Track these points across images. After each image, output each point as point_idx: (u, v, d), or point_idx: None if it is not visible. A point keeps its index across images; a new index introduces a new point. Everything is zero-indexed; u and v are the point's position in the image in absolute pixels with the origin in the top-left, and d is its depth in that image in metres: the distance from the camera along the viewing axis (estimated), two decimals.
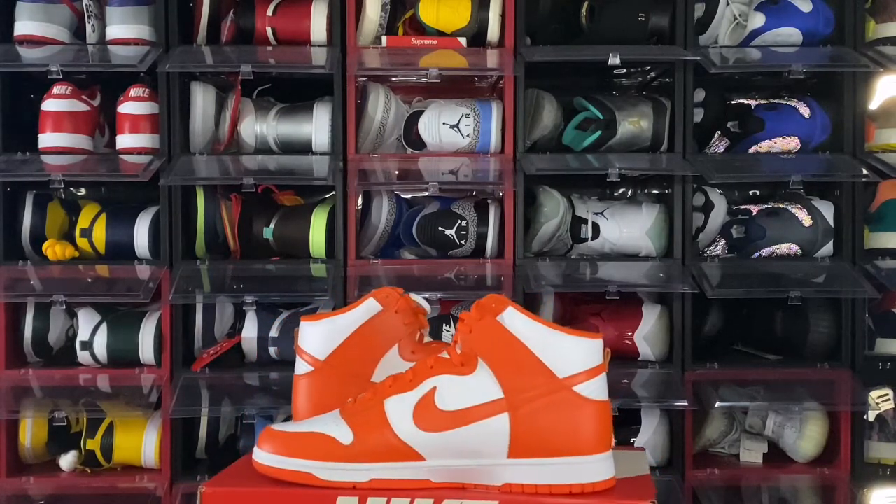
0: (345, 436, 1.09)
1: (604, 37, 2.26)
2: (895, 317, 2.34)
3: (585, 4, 2.28)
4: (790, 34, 2.26)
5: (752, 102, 2.40)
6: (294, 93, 2.34)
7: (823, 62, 2.26)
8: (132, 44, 2.22)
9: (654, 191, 2.52)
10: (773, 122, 2.29)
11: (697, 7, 2.29)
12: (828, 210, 2.28)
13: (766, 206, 2.34)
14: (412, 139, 2.30)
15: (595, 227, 2.30)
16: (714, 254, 2.35)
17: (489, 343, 1.09)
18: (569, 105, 2.34)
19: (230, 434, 2.32)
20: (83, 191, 2.53)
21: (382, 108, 2.27)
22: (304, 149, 2.28)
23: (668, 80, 2.32)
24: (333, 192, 2.25)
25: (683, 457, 2.24)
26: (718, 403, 2.17)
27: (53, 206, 2.33)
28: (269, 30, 2.28)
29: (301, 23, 2.27)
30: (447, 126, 2.25)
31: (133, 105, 2.22)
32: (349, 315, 1.25)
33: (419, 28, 2.30)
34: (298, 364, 1.26)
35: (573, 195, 2.34)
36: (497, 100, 2.31)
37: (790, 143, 2.30)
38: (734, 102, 2.42)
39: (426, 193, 2.25)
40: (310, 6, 2.27)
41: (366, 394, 1.13)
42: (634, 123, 2.27)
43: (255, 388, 2.23)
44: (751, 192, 2.58)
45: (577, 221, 2.30)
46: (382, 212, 2.30)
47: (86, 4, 2.21)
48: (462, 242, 2.26)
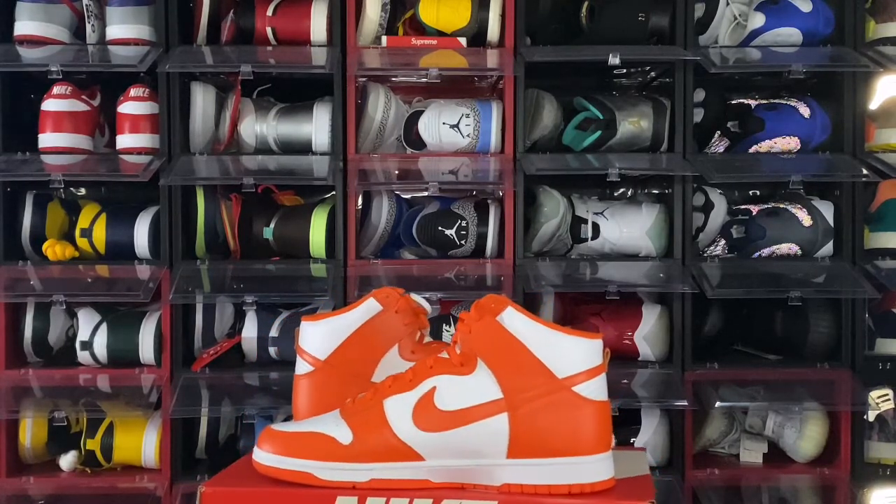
0: (344, 436, 1.09)
1: (604, 37, 2.26)
2: (895, 317, 2.34)
3: (585, 4, 2.28)
4: (790, 34, 2.26)
5: (752, 102, 2.40)
6: (294, 93, 2.34)
7: (823, 62, 2.26)
8: (132, 44, 2.22)
9: (654, 191, 2.52)
10: (773, 122, 2.29)
11: (697, 7, 2.29)
12: (828, 210, 2.28)
13: (766, 206, 2.34)
14: (412, 139, 2.30)
15: (595, 227, 2.30)
16: (714, 254, 2.35)
17: (488, 343, 1.09)
18: (569, 105, 2.34)
19: (230, 434, 2.32)
20: (83, 191, 2.53)
21: (382, 108, 2.27)
22: (304, 149, 2.28)
23: (668, 80, 2.32)
24: (333, 192, 2.25)
25: (683, 457, 2.24)
26: (718, 403, 2.17)
27: (53, 206, 2.33)
28: (269, 30, 2.28)
29: (301, 23, 2.27)
30: (447, 126, 2.25)
31: (133, 105, 2.22)
32: (349, 315, 1.25)
33: (419, 28, 2.30)
34: (299, 364, 1.26)
35: (573, 195, 2.34)
36: (497, 100, 2.31)
37: (790, 143, 2.30)
38: (734, 102, 2.42)
39: (426, 193, 2.25)
40: (310, 6, 2.27)
41: (365, 394, 1.13)
42: (634, 123, 2.27)
43: (255, 388, 2.23)
44: (751, 192, 2.58)
45: (577, 221, 2.30)
46: (382, 212, 2.30)
47: (86, 4, 2.21)
48: (462, 242, 2.26)
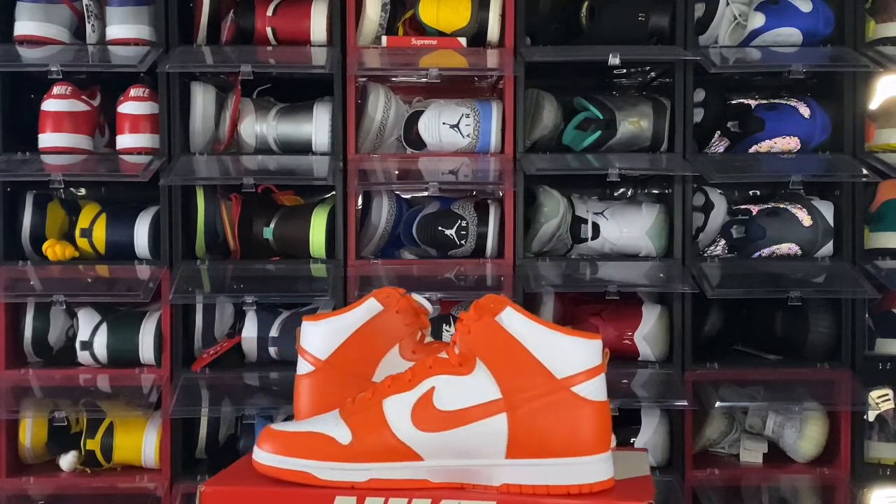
0: (343, 436, 1.09)
1: (604, 37, 2.26)
2: (895, 317, 2.34)
3: (585, 4, 2.28)
4: (790, 34, 2.26)
5: (752, 102, 2.40)
6: (294, 93, 2.34)
7: (823, 62, 2.26)
8: (132, 44, 2.22)
9: (654, 191, 2.52)
10: (773, 122, 2.29)
11: (697, 7, 2.29)
12: (828, 210, 2.28)
13: (766, 206, 2.34)
14: (412, 139, 2.30)
15: (595, 227, 2.30)
16: (714, 254, 2.35)
17: (487, 343, 1.08)
18: (569, 105, 2.34)
19: (230, 434, 2.32)
20: (83, 191, 2.53)
21: (382, 108, 2.27)
22: (304, 149, 2.28)
23: (668, 80, 2.32)
24: (333, 192, 2.25)
25: (683, 457, 2.24)
26: (718, 403, 2.17)
27: (53, 206, 2.33)
28: (269, 30, 2.28)
29: (301, 23, 2.27)
30: (447, 126, 2.25)
31: (133, 105, 2.22)
32: (350, 315, 1.25)
33: (419, 28, 2.30)
34: (300, 364, 1.26)
35: (573, 195, 2.34)
36: (497, 100, 2.31)
37: (790, 143, 2.29)
38: (734, 102, 2.42)
39: (426, 193, 2.25)
40: (310, 6, 2.27)
41: (365, 394, 1.13)
42: (634, 123, 2.27)
43: (255, 388, 2.23)
44: (751, 192, 2.58)
45: (577, 221, 2.30)
46: (382, 212, 2.30)
47: (86, 4, 2.21)
48: (462, 242, 2.26)
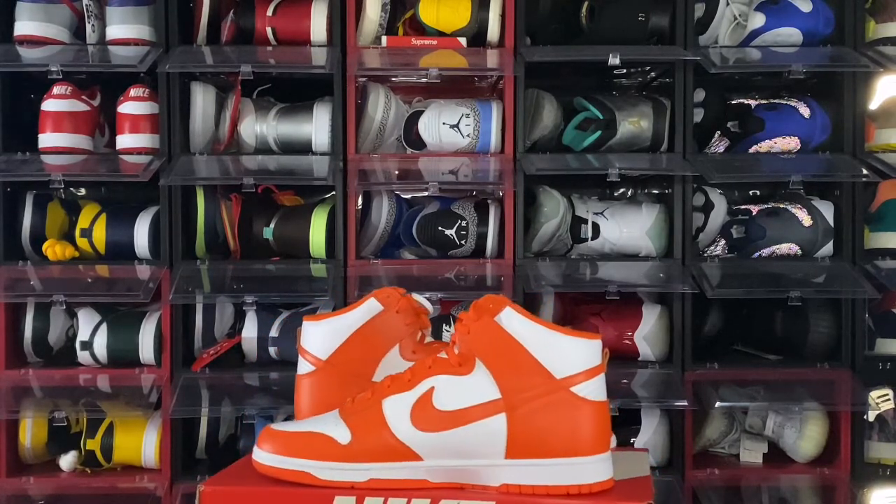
0: (343, 436, 1.09)
1: (604, 37, 2.26)
2: (895, 317, 2.34)
3: (585, 4, 2.28)
4: (790, 34, 2.26)
5: (752, 102, 2.40)
6: (294, 93, 2.34)
7: (823, 62, 2.26)
8: (132, 44, 2.22)
9: (654, 191, 2.52)
10: (773, 122, 2.29)
11: (697, 7, 2.29)
12: (828, 210, 2.28)
13: (766, 206, 2.34)
14: (412, 139, 2.30)
15: (595, 227, 2.30)
16: (714, 254, 2.35)
17: (487, 343, 1.08)
18: (569, 105, 2.34)
19: (230, 434, 2.32)
20: (83, 191, 2.53)
21: (382, 108, 2.27)
22: (304, 149, 2.28)
23: (668, 80, 2.32)
24: (333, 192, 2.25)
25: (683, 457, 2.24)
26: (718, 403, 2.17)
27: (53, 206, 2.33)
28: (269, 30, 2.28)
29: (301, 23, 2.27)
30: (447, 126, 2.25)
31: (133, 105, 2.22)
32: (350, 315, 1.25)
33: (419, 28, 2.30)
34: (301, 364, 1.26)
35: (573, 195, 2.34)
36: (497, 100, 2.31)
37: (790, 143, 2.29)
38: (734, 102, 2.42)
39: (426, 193, 2.25)
40: (310, 6, 2.27)
41: (364, 393, 1.13)
42: (634, 123, 2.27)
43: (255, 388, 2.23)
44: (751, 192, 2.58)
45: (577, 221, 2.30)
46: (382, 212, 2.30)
47: (86, 4, 2.21)
48: (462, 242, 2.26)
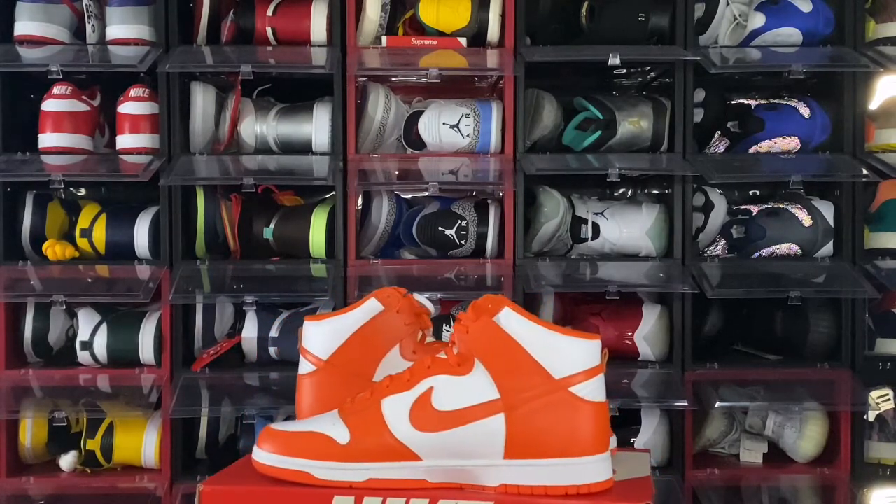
0: (342, 435, 1.09)
1: (604, 37, 2.26)
2: (895, 317, 2.34)
3: (585, 4, 2.28)
4: (790, 34, 2.26)
5: (752, 102, 2.40)
6: (294, 93, 2.34)
7: (823, 62, 2.26)
8: (132, 44, 2.22)
9: (654, 191, 2.52)
10: (773, 122, 2.29)
11: (697, 7, 2.28)
12: (828, 210, 2.28)
13: (766, 206, 2.34)
14: (412, 139, 2.30)
15: (595, 227, 2.30)
16: (714, 254, 2.35)
17: (485, 343, 1.08)
18: (569, 105, 2.34)
19: (230, 434, 2.32)
20: (83, 191, 2.53)
21: (382, 108, 2.27)
22: (304, 149, 2.28)
23: (668, 80, 2.32)
24: (333, 192, 2.25)
25: (683, 457, 2.24)
26: (718, 403, 2.17)
27: (53, 206, 2.33)
28: (269, 30, 2.28)
29: (301, 23, 2.27)
30: (447, 126, 2.25)
31: (133, 105, 2.22)
32: (351, 315, 1.25)
33: (419, 28, 2.30)
34: (302, 364, 1.26)
35: (573, 195, 2.34)
36: (497, 100, 2.31)
37: (790, 143, 2.29)
38: (734, 102, 2.42)
39: (426, 193, 2.25)
40: (310, 6, 2.27)
41: (364, 393, 1.13)
42: (634, 123, 2.27)
43: (255, 388, 2.23)
44: (751, 192, 2.58)
45: (577, 221, 2.30)
46: (382, 212, 2.30)
47: (86, 4, 2.21)
48: (462, 242, 2.26)
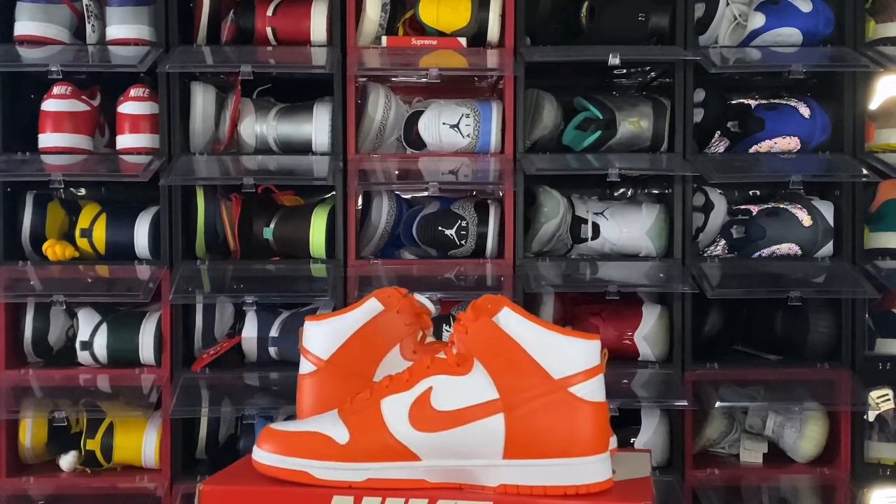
0: (341, 435, 1.09)
1: (604, 37, 2.26)
2: (895, 317, 2.34)
3: (585, 4, 2.28)
4: (790, 34, 2.26)
5: (752, 102, 2.39)
6: (294, 93, 2.34)
7: (823, 62, 2.26)
8: (132, 44, 2.22)
9: (654, 191, 2.52)
10: (773, 122, 2.29)
11: (697, 7, 2.28)
12: (828, 210, 2.28)
13: (766, 206, 2.34)
14: (412, 139, 2.30)
15: (595, 227, 2.30)
16: (714, 254, 2.35)
17: (485, 343, 1.08)
18: (569, 105, 2.34)
19: (230, 434, 2.32)
20: (83, 191, 2.53)
21: (382, 108, 2.27)
22: (304, 149, 2.28)
23: (668, 80, 2.32)
24: (333, 192, 2.25)
25: (683, 457, 2.24)
26: (718, 403, 2.17)
27: (53, 206, 2.33)
28: (269, 30, 2.28)
29: (301, 23, 2.27)
30: (447, 126, 2.25)
31: (133, 105, 2.22)
32: (351, 315, 1.25)
33: (419, 28, 2.30)
34: (303, 364, 1.26)
35: (573, 195, 2.34)
36: (497, 100, 2.31)
37: (790, 143, 2.29)
38: (734, 102, 2.42)
39: (426, 193, 2.25)
40: (310, 6, 2.27)
41: (363, 393, 1.13)
42: (634, 123, 2.27)
43: (255, 388, 2.23)
44: (751, 192, 2.58)
45: (577, 221, 2.30)
46: (382, 212, 2.30)
47: (86, 4, 2.21)
48: (462, 242, 2.26)
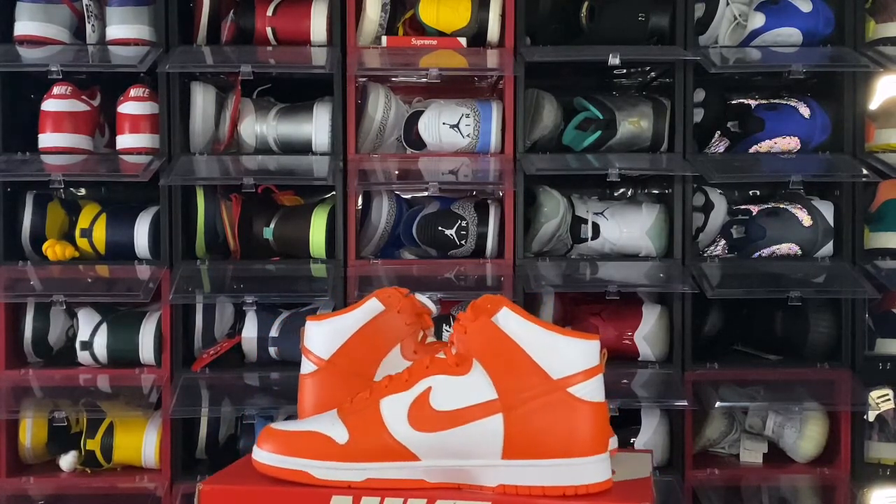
0: (341, 435, 1.09)
1: (604, 37, 2.26)
2: (895, 317, 2.34)
3: (585, 4, 2.28)
4: (790, 34, 2.26)
5: (752, 102, 2.39)
6: (294, 93, 2.34)
7: (823, 62, 2.26)
8: (132, 44, 2.22)
9: (654, 191, 2.52)
10: (773, 122, 2.29)
11: (697, 7, 2.28)
12: (828, 210, 2.28)
13: (766, 206, 2.34)
14: (412, 139, 2.30)
15: (595, 227, 2.30)
16: (714, 254, 2.35)
17: (484, 344, 1.08)
18: (569, 105, 2.34)
19: (230, 434, 2.32)
20: (83, 191, 2.53)
21: (382, 108, 2.27)
22: (304, 149, 2.28)
23: (668, 80, 2.32)
24: (333, 192, 2.25)
25: (683, 457, 2.24)
26: (718, 403, 2.17)
27: (53, 206, 2.33)
28: (269, 30, 2.28)
29: (301, 23, 2.27)
30: (447, 126, 2.25)
31: (133, 105, 2.22)
32: (351, 315, 1.25)
33: (419, 28, 2.30)
34: (304, 363, 1.26)
35: (573, 195, 2.34)
36: (497, 100, 2.31)
37: (790, 143, 2.29)
38: (734, 102, 2.42)
39: (426, 193, 2.25)
40: (310, 6, 2.27)
41: (363, 393, 1.13)
42: (634, 123, 2.27)
43: (255, 388, 2.23)
44: (751, 192, 2.58)
45: (577, 221, 2.30)
46: (382, 212, 2.30)
47: (86, 4, 2.21)
48: (462, 242, 2.26)
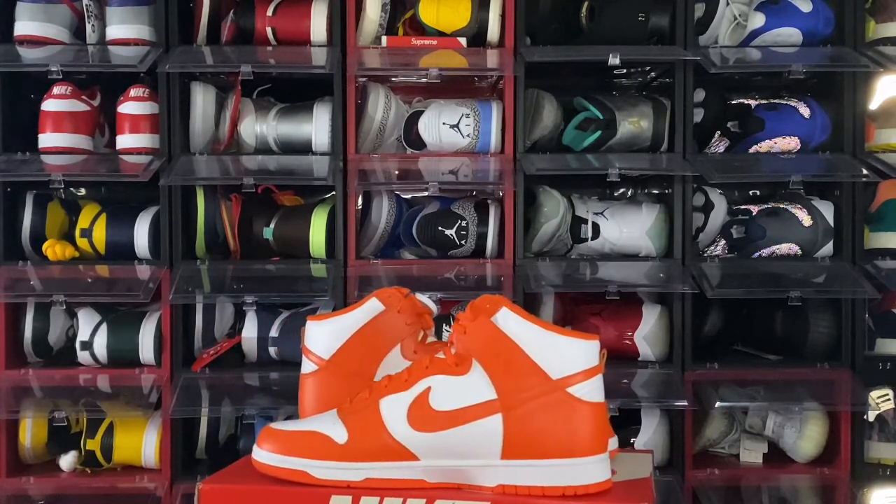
0: (340, 435, 1.09)
1: (604, 37, 2.26)
2: (895, 317, 2.33)
3: (585, 4, 2.28)
4: (790, 34, 2.26)
5: (752, 102, 2.39)
6: (294, 93, 2.34)
7: (823, 62, 2.26)
8: (132, 44, 2.23)
9: (654, 191, 2.52)
10: (773, 122, 2.29)
11: (697, 7, 2.28)
12: (828, 210, 2.28)
13: (766, 206, 2.34)
14: (412, 139, 2.30)
15: (595, 227, 2.30)
16: (714, 254, 2.35)
17: (483, 344, 1.08)
18: (569, 105, 2.34)
19: (230, 434, 2.32)
20: (83, 191, 2.53)
21: (382, 108, 2.27)
22: (304, 149, 2.28)
23: (668, 80, 2.32)
24: (333, 192, 2.25)
25: (683, 457, 2.24)
26: (718, 403, 2.17)
27: (53, 206, 2.33)
28: (269, 30, 2.28)
29: (301, 23, 2.27)
30: (447, 126, 2.25)
31: (133, 105, 2.22)
32: (352, 315, 1.25)
33: (419, 28, 2.30)
34: (304, 363, 1.26)
35: (573, 195, 2.34)
36: (497, 100, 2.31)
37: (790, 143, 2.29)
38: (734, 102, 2.42)
39: (426, 193, 2.25)
40: (310, 6, 2.27)
41: (362, 393, 1.13)
42: (634, 123, 2.27)
43: (255, 388, 2.23)
44: (751, 192, 2.58)
45: (577, 221, 2.30)
46: (382, 212, 2.30)
47: (86, 4, 2.22)
48: (462, 242, 2.26)
